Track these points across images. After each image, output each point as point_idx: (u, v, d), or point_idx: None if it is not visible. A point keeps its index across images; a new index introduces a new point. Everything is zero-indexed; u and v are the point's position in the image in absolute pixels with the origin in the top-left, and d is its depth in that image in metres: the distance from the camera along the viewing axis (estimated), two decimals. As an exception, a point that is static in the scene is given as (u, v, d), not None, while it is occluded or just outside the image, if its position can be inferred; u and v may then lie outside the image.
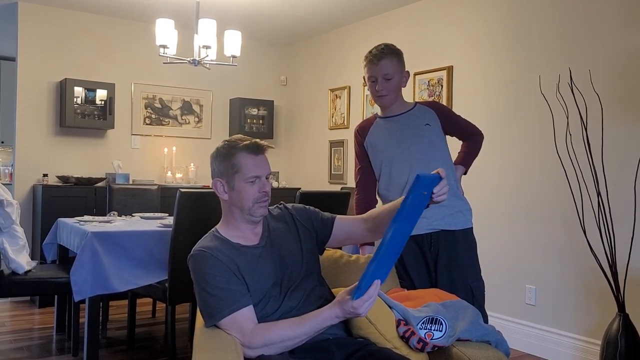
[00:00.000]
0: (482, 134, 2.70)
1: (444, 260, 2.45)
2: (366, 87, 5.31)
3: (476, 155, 2.69)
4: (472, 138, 2.68)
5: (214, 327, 1.78)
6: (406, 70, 2.55)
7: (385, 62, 2.45)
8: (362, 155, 2.66)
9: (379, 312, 1.85)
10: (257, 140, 1.88)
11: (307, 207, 2.07)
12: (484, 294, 2.52)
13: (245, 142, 1.86)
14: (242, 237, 1.90)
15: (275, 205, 2.07)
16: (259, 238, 1.92)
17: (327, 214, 2.05)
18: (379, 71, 2.45)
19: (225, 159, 1.87)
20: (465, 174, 2.68)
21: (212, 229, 1.96)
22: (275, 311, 1.80)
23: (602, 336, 3.09)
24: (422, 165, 2.47)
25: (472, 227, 2.55)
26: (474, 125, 2.69)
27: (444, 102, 4.47)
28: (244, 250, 1.86)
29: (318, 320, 1.67)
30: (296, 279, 1.88)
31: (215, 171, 1.91)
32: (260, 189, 1.85)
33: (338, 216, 2.05)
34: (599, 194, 3.17)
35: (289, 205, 2.06)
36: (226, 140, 1.91)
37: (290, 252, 1.92)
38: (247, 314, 1.74)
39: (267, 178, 1.88)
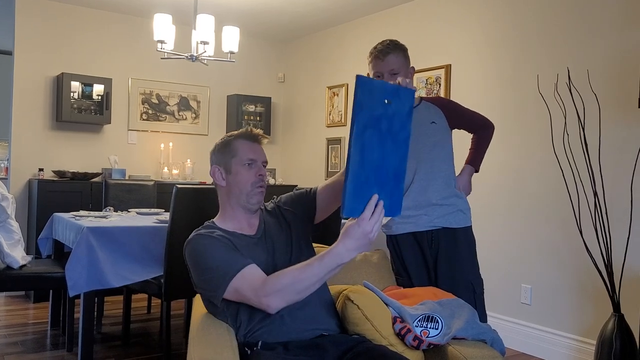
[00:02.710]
0: (491, 125, 2.68)
1: (444, 257, 2.45)
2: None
3: (486, 148, 2.68)
4: (480, 131, 2.67)
5: (211, 319, 1.78)
6: (411, 65, 2.53)
7: (391, 57, 2.43)
8: None
9: (375, 309, 1.85)
10: (253, 129, 1.96)
11: (291, 195, 2.08)
12: (483, 291, 2.53)
13: (241, 131, 1.95)
14: (239, 228, 1.92)
15: (270, 201, 2.09)
16: (255, 229, 1.94)
17: (310, 191, 2.02)
18: (385, 67, 2.43)
19: (222, 147, 1.94)
20: (477, 171, 2.68)
21: (208, 221, 1.98)
22: None
23: (597, 336, 3.10)
24: (426, 164, 2.47)
25: (471, 226, 2.56)
26: (483, 117, 2.67)
27: (442, 101, 4.47)
28: (239, 236, 1.88)
29: (331, 258, 1.57)
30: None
31: (213, 161, 1.97)
32: (256, 173, 1.90)
33: (320, 185, 2.03)
34: (595, 194, 3.17)
35: (276, 199, 2.10)
36: (224, 136, 1.99)
37: (281, 246, 1.93)
38: (253, 270, 1.72)
39: (263, 165, 1.93)
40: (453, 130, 2.61)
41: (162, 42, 3.97)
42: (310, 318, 1.81)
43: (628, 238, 3.14)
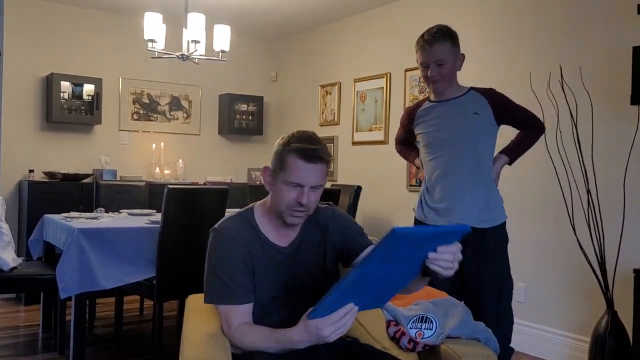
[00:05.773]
0: (540, 124, 2.54)
1: (472, 257, 2.31)
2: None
3: (527, 147, 2.55)
4: (527, 129, 2.54)
5: (202, 322, 1.79)
6: (461, 52, 2.44)
7: (438, 47, 2.35)
8: (404, 134, 2.67)
9: (368, 314, 1.84)
10: (315, 147, 1.71)
11: (349, 223, 1.90)
12: (511, 294, 2.44)
13: (302, 146, 1.70)
14: (273, 233, 1.80)
15: (325, 204, 1.91)
16: (289, 242, 1.81)
17: (363, 240, 1.86)
18: (431, 57, 2.36)
19: (280, 150, 1.75)
20: (510, 164, 2.54)
21: (253, 205, 1.85)
22: (266, 318, 1.75)
23: (591, 333, 3.11)
24: (461, 156, 2.40)
25: (503, 223, 2.46)
26: (532, 116, 2.54)
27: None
28: (267, 247, 1.78)
29: (286, 340, 1.58)
30: (302, 300, 1.76)
31: (272, 157, 1.79)
32: (297, 197, 1.70)
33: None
34: (588, 191, 3.18)
35: (334, 214, 1.90)
36: (295, 133, 1.77)
37: (311, 268, 1.82)
38: (241, 311, 1.71)
39: (312, 188, 1.71)
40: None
41: (152, 41, 3.94)
42: None
43: (621, 235, 3.14)
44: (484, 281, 2.36)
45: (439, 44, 2.36)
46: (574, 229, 3.22)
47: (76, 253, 3.05)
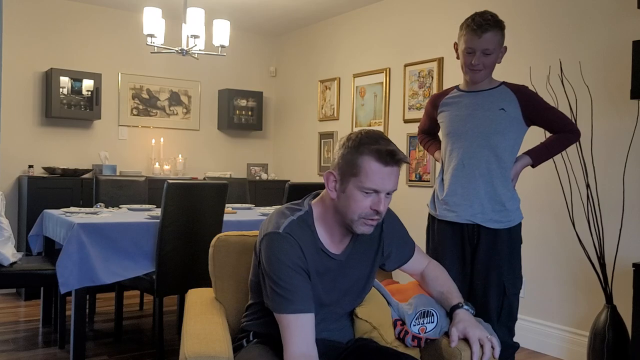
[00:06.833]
0: (576, 131, 2.39)
1: (482, 256, 2.33)
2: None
3: (556, 152, 2.42)
4: (560, 134, 2.40)
5: (202, 316, 1.79)
6: (504, 45, 2.35)
7: (490, 35, 2.22)
8: (428, 122, 2.62)
9: (380, 317, 1.87)
10: (394, 149, 1.56)
11: (400, 226, 1.87)
12: (519, 292, 2.39)
13: (377, 147, 1.56)
14: (328, 239, 1.69)
15: None
16: (342, 250, 1.72)
17: (409, 245, 1.88)
18: (480, 44, 2.24)
19: (349, 153, 1.59)
20: (533, 166, 2.44)
21: (310, 205, 1.72)
22: None
23: (590, 328, 3.11)
24: (480, 151, 2.33)
25: (519, 224, 2.40)
26: (567, 121, 2.41)
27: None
28: (321, 254, 1.67)
29: None
30: (336, 308, 1.76)
31: (334, 161, 1.65)
32: (372, 205, 1.58)
33: (415, 253, 1.91)
34: (588, 185, 3.18)
35: (387, 221, 1.82)
36: (364, 132, 1.61)
37: (356, 279, 1.75)
38: (302, 323, 1.55)
39: (387, 194, 1.60)
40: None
41: (152, 36, 3.93)
42: (339, 330, 1.79)
43: (620, 230, 3.14)
44: (491, 282, 2.32)
45: (492, 32, 2.23)
46: (573, 224, 3.22)
47: (76, 248, 3.05)
